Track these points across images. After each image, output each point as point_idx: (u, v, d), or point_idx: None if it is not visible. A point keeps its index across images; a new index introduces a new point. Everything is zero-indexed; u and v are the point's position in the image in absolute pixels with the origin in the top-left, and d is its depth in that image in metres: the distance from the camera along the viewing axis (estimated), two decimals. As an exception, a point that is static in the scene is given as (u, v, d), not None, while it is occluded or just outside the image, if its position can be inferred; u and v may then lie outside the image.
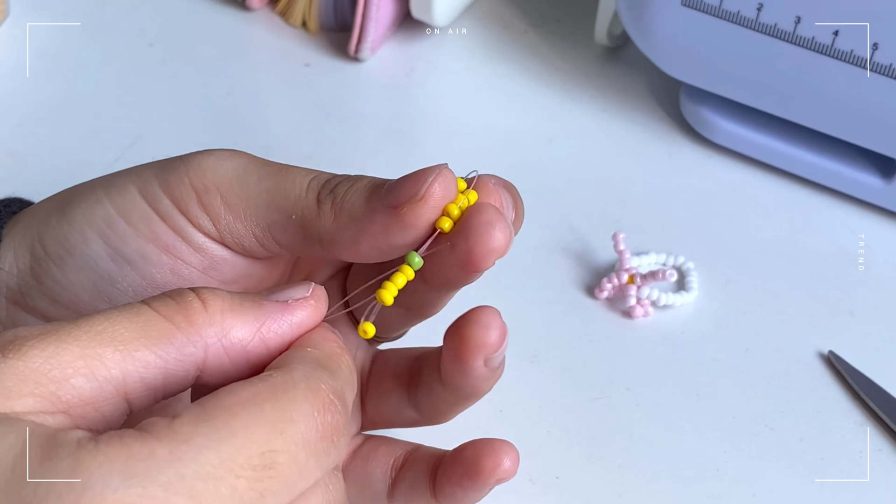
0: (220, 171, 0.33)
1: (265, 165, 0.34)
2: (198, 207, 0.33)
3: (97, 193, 0.34)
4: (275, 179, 0.33)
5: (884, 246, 0.51)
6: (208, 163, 0.33)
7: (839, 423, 0.45)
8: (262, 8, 0.59)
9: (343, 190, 0.33)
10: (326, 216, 0.33)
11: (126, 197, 0.34)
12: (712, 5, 0.48)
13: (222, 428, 0.25)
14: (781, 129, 0.52)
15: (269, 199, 0.33)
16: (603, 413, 0.44)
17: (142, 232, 0.33)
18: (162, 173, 0.34)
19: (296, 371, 0.27)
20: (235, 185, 0.33)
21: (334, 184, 0.33)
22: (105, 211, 0.33)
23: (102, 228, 0.33)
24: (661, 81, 0.57)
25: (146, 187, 0.34)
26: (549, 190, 0.52)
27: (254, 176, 0.33)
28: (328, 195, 0.33)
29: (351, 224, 0.32)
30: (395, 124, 0.56)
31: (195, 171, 0.33)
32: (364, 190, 0.33)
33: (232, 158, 0.34)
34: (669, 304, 0.48)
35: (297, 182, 0.33)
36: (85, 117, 0.54)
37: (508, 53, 0.59)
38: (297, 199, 0.33)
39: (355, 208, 0.32)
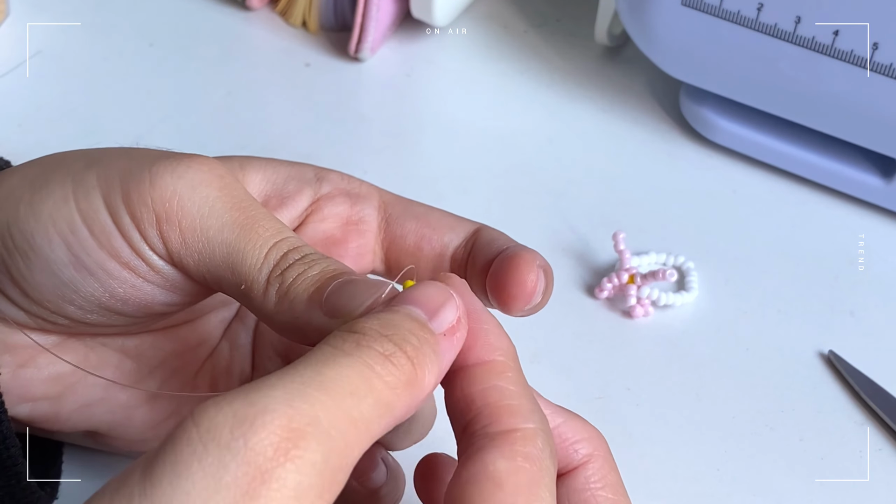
0: (185, 204, 0.32)
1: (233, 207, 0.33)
2: (155, 232, 0.32)
3: (66, 189, 0.33)
4: (237, 235, 0.32)
5: (884, 246, 0.51)
6: (175, 188, 0.32)
7: (839, 422, 0.45)
8: (263, 8, 0.59)
9: (293, 276, 0.32)
10: (270, 299, 0.32)
11: (91, 204, 0.33)
12: (712, 5, 0.48)
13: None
14: (781, 129, 0.52)
15: (225, 256, 0.32)
16: (603, 413, 0.44)
17: (103, 245, 0.33)
18: (127, 184, 0.33)
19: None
20: (197, 224, 0.33)
21: (288, 263, 0.32)
22: (70, 215, 0.33)
23: (66, 234, 0.33)
24: (661, 81, 0.57)
25: (111, 196, 0.33)
26: (549, 190, 0.52)
27: (217, 222, 0.32)
28: (277, 277, 0.32)
29: (289, 316, 0.32)
30: (395, 124, 0.56)
31: (160, 193, 0.32)
32: (310, 285, 0.32)
33: (202, 188, 0.33)
34: (669, 304, 0.48)
35: (256, 248, 0.32)
36: (85, 117, 0.54)
37: (508, 53, 0.59)
38: (250, 268, 0.32)
39: (296, 303, 0.32)
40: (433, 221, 0.38)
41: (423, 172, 0.53)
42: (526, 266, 0.35)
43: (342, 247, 0.38)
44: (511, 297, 0.35)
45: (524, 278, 0.35)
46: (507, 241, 0.37)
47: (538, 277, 0.35)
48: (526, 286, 0.35)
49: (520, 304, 0.35)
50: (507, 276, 0.35)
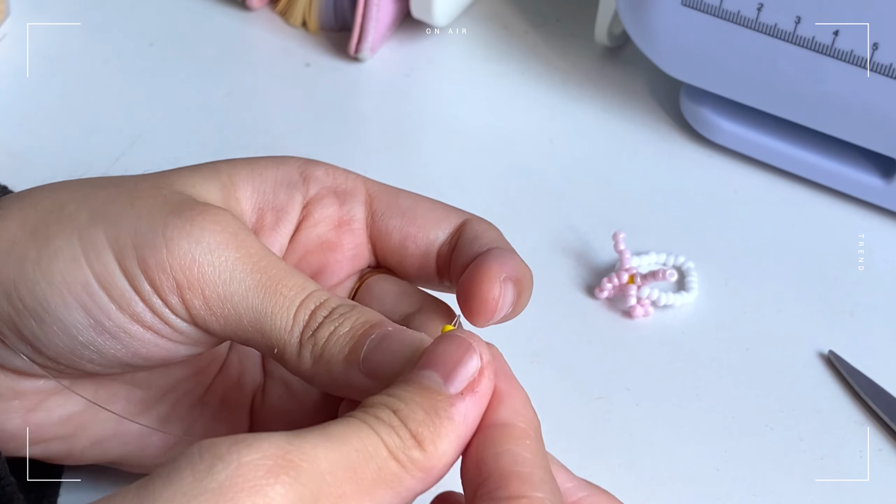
0: (205, 271, 0.32)
1: (254, 269, 0.32)
2: (177, 299, 0.32)
3: (74, 248, 0.32)
4: (262, 299, 0.32)
5: (884, 246, 0.51)
6: (194, 255, 0.32)
7: (839, 422, 0.45)
8: (263, 8, 0.59)
9: (325, 335, 0.32)
10: (305, 361, 0.32)
11: (105, 267, 0.32)
12: (712, 5, 0.48)
13: None
14: (782, 129, 0.52)
15: (253, 321, 0.32)
16: (603, 413, 0.44)
17: (124, 310, 0.32)
18: (142, 249, 0.32)
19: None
20: (220, 291, 0.32)
21: (319, 321, 0.32)
22: (85, 279, 0.32)
23: (83, 298, 0.32)
24: (662, 81, 0.57)
25: (125, 261, 0.32)
26: (549, 190, 0.52)
27: (241, 287, 0.32)
28: (310, 339, 0.32)
29: (327, 377, 0.32)
30: (395, 124, 0.56)
31: (179, 261, 0.32)
32: (344, 346, 0.32)
33: (220, 252, 0.32)
34: (669, 304, 0.48)
35: (283, 310, 0.32)
36: (85, 117, 0.54)
37: (508, 53, 0.59)
38: (280, 332, 0.32)
39: (333, 365, 0.32)
40: (419, 217, 0.37)
41: (423, 172, 0.53)
42: (489, 281, 0.34)
43: (338, 250, 0.38)
44: (472, 313, 0.35)
45: (486, 295, 0.34)
46: (489, 239, 0.36)
47: (501, 292, 0.34)
48: (487, 303, 0.34)
49: (481, 319, 0.35)
50: (469, 290, 0.34)
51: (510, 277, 0.35)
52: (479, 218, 0.38)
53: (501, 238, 0.37)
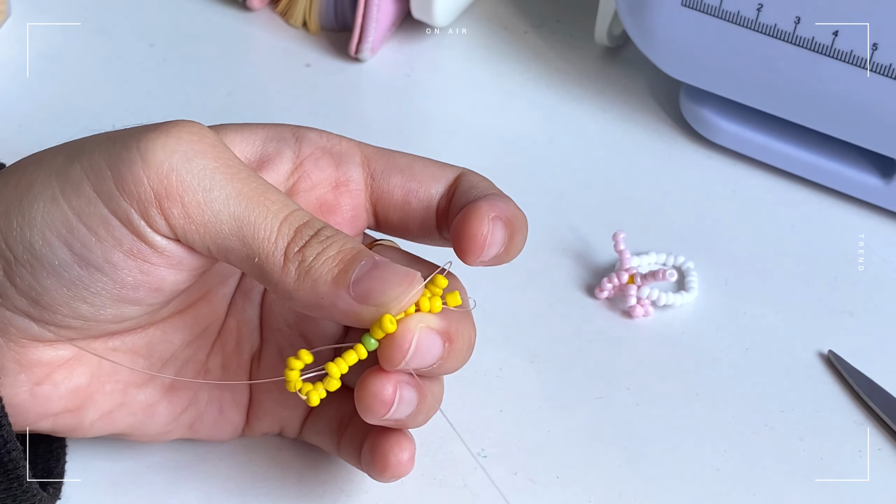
0: (184, 178, 0.32)
1: (234, 178, 0.32)
2: (156, 210, 0.32)
3: (52, 188, 0.32)
4: (245, 207, 0.32)
5: (884, 246, 0.51)
6: (171, 163, 0.32)
7: (839, 422, 0.45)
8: (263, 8, 0.59)
9: (313, 254, 0.32)
10: (289, 276, 0.32)
11: (82, 197, 0.32)
12: (712, 5, 0.49)
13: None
14: (781, 129, 0.52)
15: (235, 228, 0.32)
16: (603, 413, 0.44)
17: (104, 238, 0.32)
18: (117, 168, 0.32)
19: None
20: (200, 198, 0.32)
21: (305, 239, 0.32)
22: (63, 214, 0.32)
23: (64, 234, 0.32)
24: (662, 82, 0.57)
25: (101, 185, 0.32)
26: (549, 190, 0.52)
27: (222, 193, 0.32)
28: (297, 254, 0.32)
29: (312, 294, 0.32)
30: (395, 124, 0.56)
31: (155, 171, 0.32)
32: (333, 266, 0.32)
33: (198, 160, 0.32)
34: (669, 304, 0.48)
35: (267, 220, 0.32)
36: (85, 117, 0.54)
37: (508, 54, 0.59)
38: (263, 241, 0.32)
39: (320, 283, 0.32)
40: (417, 173, 0.38)
41: (424, 172, 0.53)
42: (478, 219, 0.35)
43: (337, 212, 0.38)
44: (463, 251, 0.35)
45: (475, 231, 0.35)
46: (483, 188, 0.37)
47: (490, 229, 0.35)
48: (476, 238, 0.35)
49: (471, 256, 0.35)
50: (460, 229, 0.35)
51: (500, 217, 0.35)
52: (473, 171, 0.39)
53: (494, 187, 0.38)
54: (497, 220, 0.35)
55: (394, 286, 0.32)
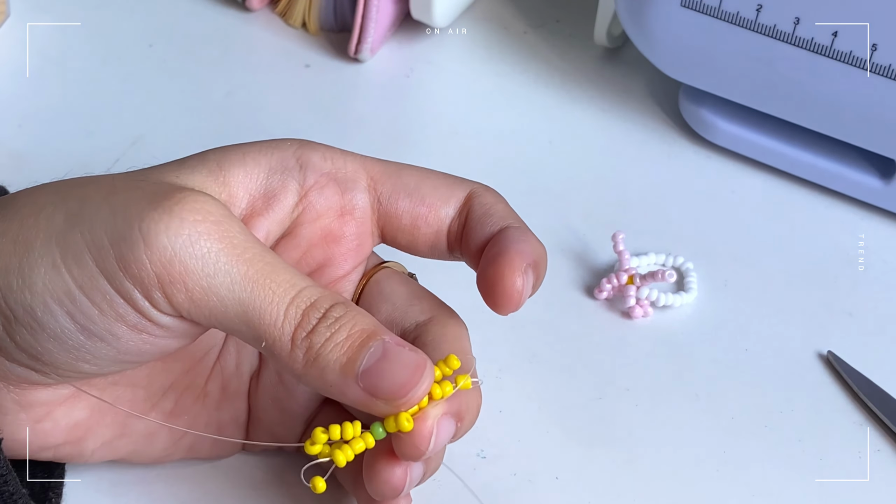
0: (187, 264, 0.31)
1: (239, 259, 0.31)
2: (160, 294, 0.31)
3: (53, 253, 0.31)
4: (250, 292, 0.31)
5: (884, 246, 0.51)
6: (174, 249, 0.30)
7: (838, 423, 0.45)
8: (263, 9, 0.59)
9: (321, 340, 0.31)
10: (297, 361, 0.31)
11: (84, 269, 0.31)
12: (711, 6, 0.49)
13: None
14: (781, 129, 0.52)
15: (240, 314, 0.31)
16: (603, 413, 0.44)
17: (106, 312, 0.31)
18: (119, 247, 0.31)
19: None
20: (204, 283, 0.31)
21: (313, 323, 0.31)
22: (66, 285, 0.31)
23: (66, 304, 0.31)
24: (661, 82, 0.57)
25: (104, 261, 0.31)
26: (549, 190, 0.52)
27: (226, 279, 0.31)
28: (304, 340, 0.31)
29: (320, 381, 0.31)
30: (394, 125, 0.56)
31: (158, 256, 0.30)
32: (341, 354, 0.31)
33: (201, 243, 0.31)
34: (669, 305, 0.48)
35: (273, 305, 0.31)
36: (85, 117, 0.54)
37: (508, 54, 0.59)
38: (269, 327, 0.31)
39: (328, 371, 0.31)
40: (426, 196, 0.37)
41: (423, 173, 0.53)
42: (511, 273, 0.34)
43: (342, 241, 0.37)
44: (497, 305, 0.35)
45: (510, 289, 0.34)
46: (499, 215, 0.36)
47: (524, 283, 0.34)
48: (512, 297, 0.34)
49: (505, 311, 0.35)
50: (493, 282, 0.34)
51: (530, 264, 0.35)
52: (484, 187, 0.38)
53: (510, 211, 0.37)
54: (529, 270, 0.35)
55: (404, 381, 0.31)
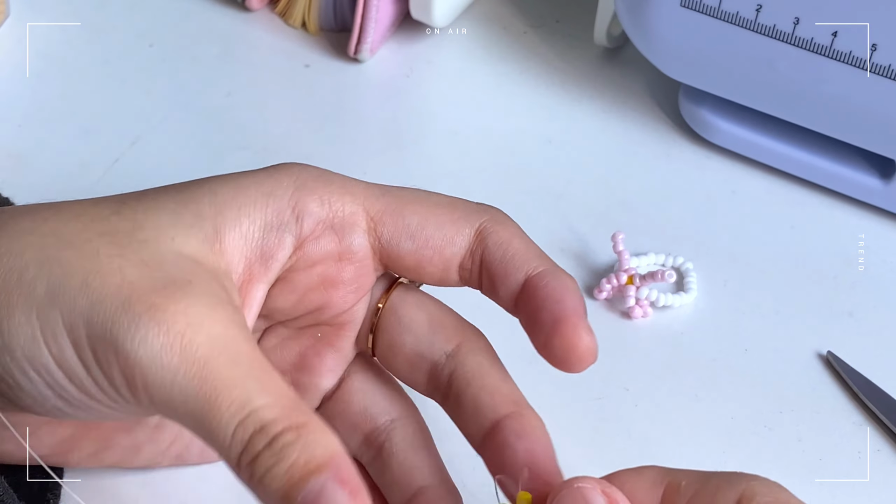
0: (146, 371, 0.30)
1: (195, 377, 0.30)
2: (127, 391, 0.31)
3: (33, 325, 0.31)
4: (202, 409, 0.30)
5: (883, 246, 0.51)
6: (137, 358, 0.30)
7: (838, 423, 0.45)
8: (262, 9, 0.59)
9: (263, 469, 0.30)
10: (244, 477, 0.31)
11: (61, 350, 0.31)
12: (711, 6, 0.49)
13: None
14: (781, 130, 0.52)
15: (195, 425, 0.31)
16: (602, 413, 0.44)
17: (82, 390, 0.31)
18: (92, 339, 0.31)
19: None
20: (163, 393, 0.30)
21: (258, 449, 0.30)
22: (43, 358, 0.31)
23: (43, 374, 0.31)
24: (661, 82, 0.57)
25: (80, 348, 0.31)
26: (549, 190, 0.52)
27: (181, 395, 0.30)
28: (248, 466, 0.30)
29: (265, 499, 0.31)
30: (394, 125, 0.56)
31: (123, 360, 0.30)
32: (283, 484, 0.30)
33: (163, 357, 0.30)
34: (668, 305, 0.48)
35: (221, 425, 0.30)
36: (85, 117, 0.54)
37: (508, 54, 0.59)
38: (219, 446, 0.31)
39: (270, 497, 0.30)
40: (430, 238, 0.36)
41: (423, 172, 0.53)
42: (580, 339, 0.34)
43: (339, 286, 0.36)
44: (571, 368, 0.35)
45: (586, 353, 0.34)
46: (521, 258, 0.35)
47: (591, 339, 0.34)
48: (582, 359, 0.34)
49: (577, 370, 0.35)
50: (566, 353, 0.34)
51: (581, 319, 0.34)
52: (493, 219, 0.36)
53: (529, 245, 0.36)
54: (585, 327, 0.34)
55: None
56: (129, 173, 0.52)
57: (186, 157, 0.53)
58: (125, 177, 0.51)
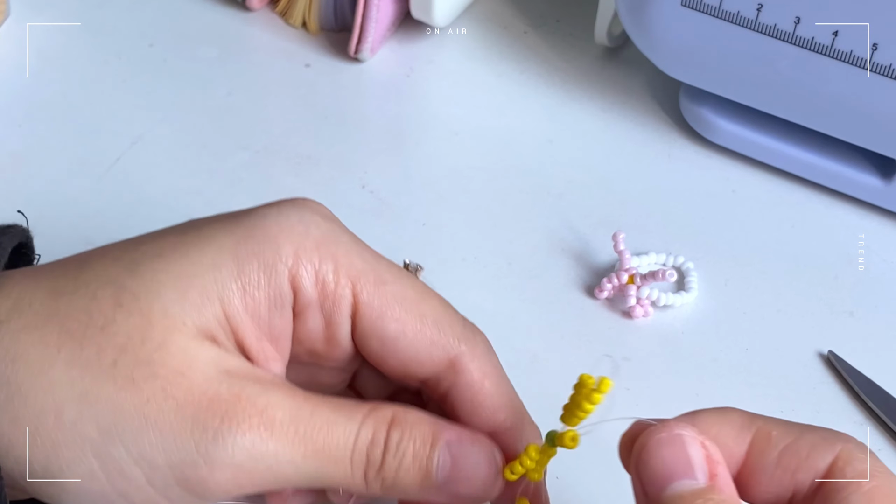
0: (251, 469, 0.31)
1: (296, 442, 0.31)
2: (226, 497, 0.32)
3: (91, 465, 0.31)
4: (315, 465, 0.31)
5: (884, 246, 0.51)
6: (236, 460, 0.30)
7: (838, 423, 0.45)
8: (263, 8, 0.59)
9: (392, 472, 0.32)
10: (375, 491, 0.32)
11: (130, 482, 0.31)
12: (712, 5, 0.48)
13: None
14: (781, 129, 0.52)
15: (312, 481, 0.32)
16: (602, 414, 0.44)
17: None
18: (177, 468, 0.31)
19: None
20: (271, 477, 0.31)
21: (379, 459, 0.32)
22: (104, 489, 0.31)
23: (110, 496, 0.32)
24: (661, 82, 0.57)
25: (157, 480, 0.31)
26: (549, 190, 0.52)
27: (291, 465, 0.31)
28: (377, 476, 0.32)
29: (404, 496, 0.33)
30: (394, 124, 0.56)
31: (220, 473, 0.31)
32: (416, 473, 0.32)
33: (258, 447, 0.31)
34: (669, 304, 0.48)
35: (339, 464, 0.31)
36: (85, 117, 0.54)
37: (508, 54, 0.59)
38: (343, 480, 0.32)
39: (409, 490, 0.32)
40: (401, 352, 0.34)
41: (423, 172, 0.53)
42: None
43: (331, 361, 0.36)
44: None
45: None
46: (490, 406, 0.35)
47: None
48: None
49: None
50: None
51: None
52: (472, 353, 0.35)
53: (503, 390, 0.36)
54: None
55: (480, 480, 0.33)
56: (130, 173, 0.52)
57: (186, 157, 0.53)
58: (125, 177, 0.51)
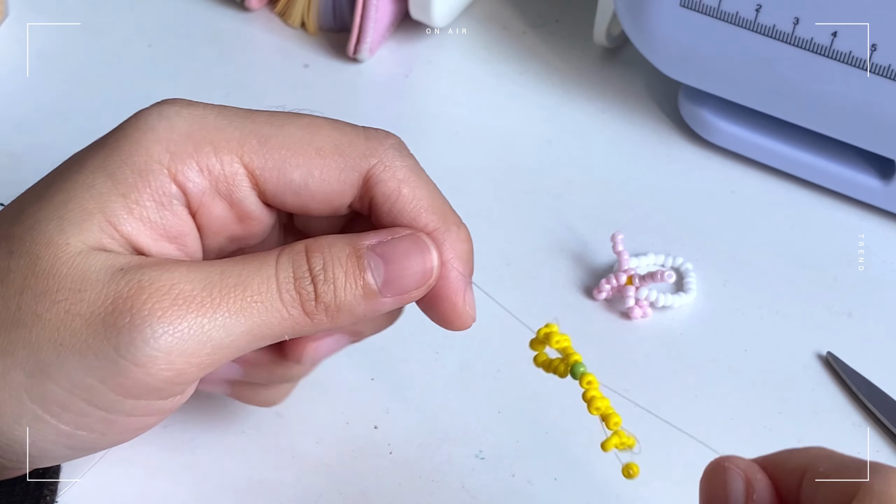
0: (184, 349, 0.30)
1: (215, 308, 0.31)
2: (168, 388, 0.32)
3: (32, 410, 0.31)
4: (246, 322, 0.31)
5: (883, 246, 0.51)
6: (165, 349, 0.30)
7: (837, 424, 0.45)
8: (262, 8, 0.59)
9: (330, 295, 0.31)
10: (324, 323, 0.32)
11: (76, 412, 0.31)
12: (711, 6, 0.48)
13: None
14: (780, 130, 0.52)
15: (251, 340, 0.31)
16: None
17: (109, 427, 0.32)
18: (110, 380, 0.30)
19: None
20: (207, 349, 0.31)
21: (310, 290, 0.31)
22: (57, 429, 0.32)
23: (63, 440, 0.32)
24: (660, 82, 0.57)
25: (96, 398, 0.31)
26: (548, 191, 0.52)
27: (222, 331, 0.31)
28: (317, 307, 0.31)
29: (353, 319, 0.32)
30: (394, 125, 0.55)
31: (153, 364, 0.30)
32: (354, 287, 0.31)
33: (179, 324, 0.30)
34: (668, 305, 0.48)
35: (272, 309, 0.31)
36: (85, 117, 0.54)
37: (507, 54, 0.59)
38: (282, 325, 0.31)
39: (355, 309, 0.32)
40: (316, 193, 0.34)
41: (422, 173, 0.53)
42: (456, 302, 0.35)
43: (252, 237, 0.36)
44: (449, 326, 0.35)
45: (461, 316, 0.35)
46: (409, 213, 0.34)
47: (468, 300, 0.35)
48: (463, 319, 0.35)
49: (460, 328, 0.36)
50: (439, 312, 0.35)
51: (467, 275, 0.34)
52: (383, 163, 0.35)
53: (420, 194, 0.35)
54: (468, 287, 0.34)
55: (414, 266, 0.32)
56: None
57: (186, 158, 0.53)
58: (124, 177, 0.51)
